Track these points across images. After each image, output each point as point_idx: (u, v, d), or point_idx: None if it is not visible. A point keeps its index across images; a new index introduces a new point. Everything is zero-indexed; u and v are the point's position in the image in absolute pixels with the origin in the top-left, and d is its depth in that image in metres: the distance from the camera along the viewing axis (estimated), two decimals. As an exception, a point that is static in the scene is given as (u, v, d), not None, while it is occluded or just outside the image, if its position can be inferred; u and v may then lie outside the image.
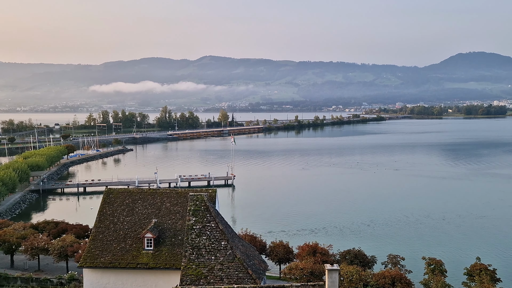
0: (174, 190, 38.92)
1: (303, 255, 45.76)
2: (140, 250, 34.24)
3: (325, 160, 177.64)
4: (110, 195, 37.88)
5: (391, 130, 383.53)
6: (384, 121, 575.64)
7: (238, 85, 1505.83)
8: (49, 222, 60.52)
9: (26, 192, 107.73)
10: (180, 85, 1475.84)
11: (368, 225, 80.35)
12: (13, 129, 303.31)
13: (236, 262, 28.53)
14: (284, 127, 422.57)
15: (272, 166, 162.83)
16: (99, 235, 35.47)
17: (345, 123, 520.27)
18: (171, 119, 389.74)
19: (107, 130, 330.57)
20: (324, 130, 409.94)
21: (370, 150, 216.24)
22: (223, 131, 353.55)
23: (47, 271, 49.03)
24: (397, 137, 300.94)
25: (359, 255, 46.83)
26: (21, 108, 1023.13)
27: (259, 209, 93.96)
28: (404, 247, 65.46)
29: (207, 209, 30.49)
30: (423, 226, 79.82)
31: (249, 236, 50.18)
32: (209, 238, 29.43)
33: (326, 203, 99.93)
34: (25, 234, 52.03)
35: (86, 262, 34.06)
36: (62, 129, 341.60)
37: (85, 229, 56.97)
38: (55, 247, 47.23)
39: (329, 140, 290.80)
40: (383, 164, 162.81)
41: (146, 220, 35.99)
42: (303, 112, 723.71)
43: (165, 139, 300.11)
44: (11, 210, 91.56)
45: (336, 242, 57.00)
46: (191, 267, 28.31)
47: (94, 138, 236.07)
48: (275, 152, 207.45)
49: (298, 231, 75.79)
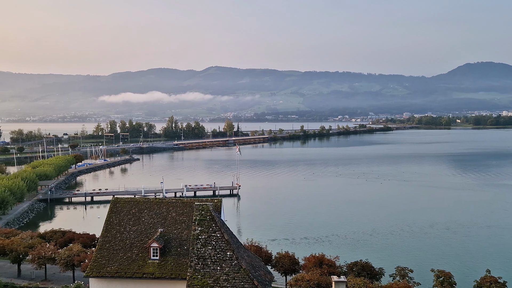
0: (180, 199, 38.95)
1: (309, 266, 45.38)
2: (146, 259, 34.24)
3: (331, 170, 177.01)
4: (117, 204, 38.03)
5: (398, 140, 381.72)
6: (391, 131, 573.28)
7: (244, 95, 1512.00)
8: (57, 231, 60.81)
9: (34, 201, 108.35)
10: (187, 95, 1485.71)
11: (375, 236, 79.69)
12: (22, 138, 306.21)
13: (242, 273, 28.42)
14: (290, 137, 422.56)
15: (277, 176, 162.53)
16: (106, 244, 35.55)
17: (352, 133, 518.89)
18: (177, 129, 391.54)
19: (115, 140, 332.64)
20: (330, 140, 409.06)
21: (377, 160, 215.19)
22: (228, 141, 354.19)
23: (53, 281, 49.11)
24: (404, 148, 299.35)
25: (367, 267, 46.29)
26: (30, 118, 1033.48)
27: (264, 219, 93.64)
28: (412, 258, 64.76)
29: (212, 219, 30.49)
30: (430, 238, 79.01)
31: (254, 247, 49.94)
32: (215, 248, 29.38)
33: (333, 213, 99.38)
34: (32, 243, 52.24)
35: (93, 272, 34.08)
36: (70, 138, 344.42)
37: (92, 238, 57.13)
38: (62, 256, 47.33)
39: (335, 150, 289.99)
40: (390, 174, 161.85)
41: (152, 230, 36.03)
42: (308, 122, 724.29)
43: (171, 148, 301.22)
44: (19, 219, 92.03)
45: (342, 254, 56.55)
46: (196, 277, 28.23)
47: (102, 148, 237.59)
48: (280, 162, 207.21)
49: (304, 242, 75.36)
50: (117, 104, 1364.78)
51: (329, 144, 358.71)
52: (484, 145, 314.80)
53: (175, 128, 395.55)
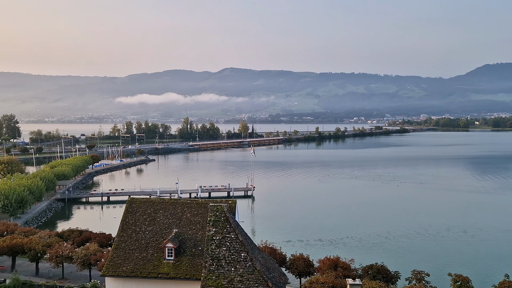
0: (194, 200, 39.16)
1: (324, 269, 45.09)
2: (161, 259, 34.49)
3: (346, 172, 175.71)
4: (132, 204, 38.42)
5: (415, 143, 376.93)
6: (408, 133, 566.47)
7: (259, 97, 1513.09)
8: (74, 231, 61.71)
9: (52, 201, 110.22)
10: (202, 97, 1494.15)
11: (391, 239, 78.79)
12: (41, 139, 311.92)
13: (256, 274, 28.40)
14: (305, 138, 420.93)
15: (292, 177, 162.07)
16: (122, 244, 35.92)
17: (367, 135, 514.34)
18: (192, 130, 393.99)
19: (131, 140, 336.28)
20: (345, 142, 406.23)
21: (393, 162, 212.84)
22: (243, 142, 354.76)
23: (70, 280, 49.83)
24: (421, 150, 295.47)
25: (382, 270, 45.76)
26: (49, 119, 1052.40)
27: (278, 221, 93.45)
28: (429, 262, 63.80)
29: (227, 220, 30.55)
30: (447, 241, 77.76)
31: (268, 248, 49.87)
32: (229, 249, 29.43)
33: (347, 215, 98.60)
34: (50, 242, 53.10)
35: (109, 271, 34.48)
36: (87, 139, 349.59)
37: (108, 237, 57.81)
38: (79, 255, 48.02)
39: (351, 152, 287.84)
40: (406, 177, 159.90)
41: (167, 230, 36.29)
42: (323, 123, 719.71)
43: (186, 149, 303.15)
44: (38, 218, 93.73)
45: (357, 256, 56.05)
46: (211, 278, 28.33)
47: (118, 149, 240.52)
48: (295, 164, 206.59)
49: (319, 244, 74.95)
50: (133, 105, 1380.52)
51: (345, 146, 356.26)
52: (503, 147, 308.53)
53: (190, 129, 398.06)
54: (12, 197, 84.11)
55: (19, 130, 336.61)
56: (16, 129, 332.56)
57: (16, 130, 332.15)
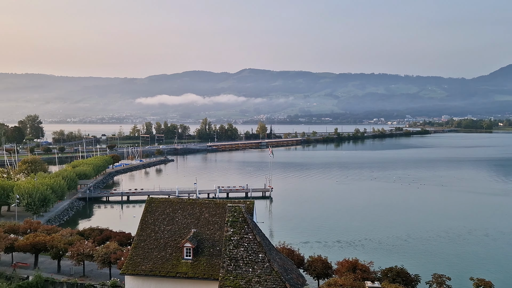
0: (212, 201, 39.37)
1: (342, 271, 44.65)
2: (179, 259, 34.78)
3: (365, 174, 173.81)
4: (152, 204, 38.87)
5: (436, 144, 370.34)
6: (429, 135, 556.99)
7: (277, 98, 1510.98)
8: (94, 229, 62.72)
9: (74, 200, 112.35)
10: (221, 98, 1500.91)
11: (410, 241, 77.54)
12: (63, 139, 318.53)
13: (274, 275, 28.34)
14: (323, 139, 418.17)
15: (310, 179, 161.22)
16: (141, 243, 36.37)
17: (387, 136, 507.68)
18: (210, 131, 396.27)
19: (150, 141, 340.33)
20: (364, 143, 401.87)
21: (413, 164, 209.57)
22: (261, 143, 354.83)
23: (91, 277, 50.67)
24: (443, 151, 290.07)
25: (402, 273, 45.02)
26: (71, 119, 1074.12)
27: (296, 222, 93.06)
28: (450, 266, 62.58)
29: (245, 221, 30.60)
30: (469, 244, 76.07)
31: (286, 250, 49.67)
32: (247, 250, 29.45)
33: (366, 217, 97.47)
34: (71, 240, 54.13)
35: (128, 269, 34.96)
36: (108, 139, 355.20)
37: (128, 236, 58.53)
38: (99, 253, 48.80)
39: (370, 153, 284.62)
40: (427, 179, 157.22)
41: (186, 230, 36.56)
42: (342, 124, 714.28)
43: (205, 150, 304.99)
44: (60, 216, 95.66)
45: (376, 259, 55.32)
46: (229, 278, 28.40)
47: (138, 149, 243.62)
48: (313, 165, 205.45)
49: (337, 246, 74.32)
50: (153, 106, 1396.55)
51: (364, 147, 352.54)
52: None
53: (208, 130, 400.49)
54: (36, 196, 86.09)
55: (42, 130, 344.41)
56: (40, 129, 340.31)
57: (40, 130, 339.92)
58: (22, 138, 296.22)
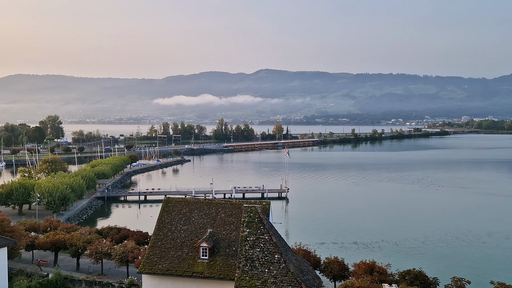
0: (229, 201, 39.44)
1: (359, 273, 44.24)
2: (195, 259, 34.95)
3: (383, 175, 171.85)
4: (168, 204, 39.18)
5: (456, 145, 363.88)
6: (449, 136, 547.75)
7: (294, 98, 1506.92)
8: (112, 228, 63.55)
9: (93, 199, 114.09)
10: (237, 98, 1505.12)
11: (429, 244, 76.31)
12: (83, 139, 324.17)
13: (290, 276, 28.24)
14: (340, 140, 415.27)
15: (326, 180, 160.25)
16: (158, 242, 36.70)
17: (406, 137, 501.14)
18: (227, 131, 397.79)
19: (167, 141, 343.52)
20: (382, 144, 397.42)
21: (433, 165, 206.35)
22: (277, 144, 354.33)
23: (109, 275, 51.33)
24: (463, 153, 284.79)
25: (420, 276, 44.33)
26: (90, 120, 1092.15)
27: (313, 223, 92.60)
28: (469, 269, 61.37)
29: (260, 221, 30.58)
30: (489, 247, 74.48)
31: (302, 251, 49.45)
32: (263, 251, 29.43)
33: (384, 219, 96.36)
34: (90, 238, 55.00)
35: (145, 268, 35.32)
36: (126, 139, 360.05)
37: (145, 236, 59.15)
38: (117, 252, 49.42)
39: (388, 154, 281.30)
40: (446, 180, 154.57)
41: (202, 230, 36.73)
42: (360, 125, 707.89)
43: (221, 150, 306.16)
44: (79, 215, 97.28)
45: (394, 261, 54.67)
46: (244, 278, 28.43)
47: (155, 149, 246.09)
48: (330, 166, 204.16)
49: (354, 247, 73.64)
50: (170, 107, 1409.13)
51: (382, 148, 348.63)
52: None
53: (225, 130, 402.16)
54: (56, 195, 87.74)
55: (62, 130, 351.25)
56: (60, 130, 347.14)
57: (60, 130, 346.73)
58: (43, 138, 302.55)
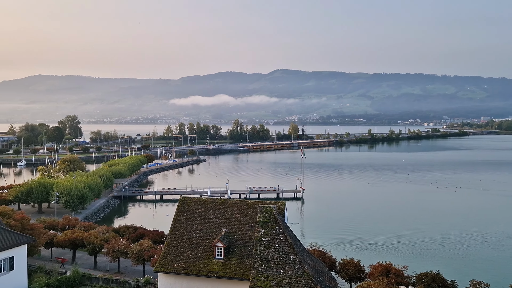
0: (244, 201, 39.50)
1: (375, 275, 43.81)
2: (211, 258, 35.11)
3: (400, 176, 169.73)
4: (184, 203, 39.45)
5: (475, 146, 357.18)
6: (468, 136, 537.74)
7: (310, 98, 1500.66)
8: (129, 227, 64.28)
9: (110, 198, 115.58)
10: (253, 98, 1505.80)
11: (446, 246, 75.07)
12: (100, 139, 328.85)
13: (305, 277, 28.11)
14: (356, 141, 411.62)
15: (342, 181, 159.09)
16: (174, 241, 36.98)
17: (423, 137, 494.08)
18: (242, 132, 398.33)
19: (183, 141, 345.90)
20: (399, 145, 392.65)
21: (451, 167, 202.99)
22: (293, 144, 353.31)
23: (126, 274, 51.95)
24: (482, 154, 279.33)
25: (438, 279, 43.66)
26: (107, 120, 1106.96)
27: (328, 224, 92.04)
28: (488, 272, 60.16)
29: (276, 222, 30.52)
30: (509, 250, 72.85)
31: (318, 252, 49.19)
32: (278, 251, 29.37)
33: (401, 220, 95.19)
34: (107, 237, 55.73)
35: (161, 267, 35.62)
36: (142, 139, 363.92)
37: (161, 235, 59.66)
38: (134, 251, 49.96)
39: (405, 155, 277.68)
40: (465, 182, 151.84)
41: (217, 230, 36.87)
42: (376, 126, 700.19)
43: (236, 150, 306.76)
44: (96, 214, 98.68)
45: (411, 263, 53.88)
46: (259, 278, 28.40)
47: (171, 149, 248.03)
48: (346, 167, 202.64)
49: (370, 249, 72.93)
50: (186, 107, 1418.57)
51: (399, 149, 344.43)
52: None
53: (240, 130, 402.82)
54: (74, 193, 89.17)
55: (80, 130, 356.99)
56: (78, 129, 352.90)
57: (78, 130, 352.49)
58: (61, 137, 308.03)
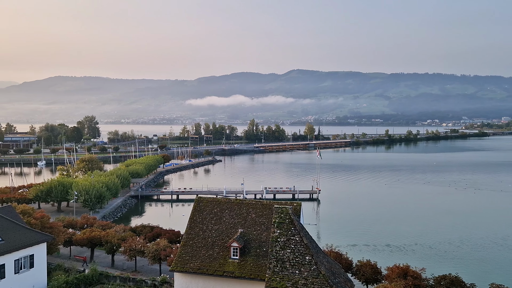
0: (259, 201, 39.46)
1: (392, 277, 43.29)
2: (226, 258, 35.19)
3: (418, 177, 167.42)
4: (200, 203, 39.63)
5: (495, 147, 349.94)
6: (487, 137, 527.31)
7: (326, 98, 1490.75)
8: (146, 226, 64.96)
9: (127, 197, 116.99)
10: (269, 99, 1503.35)
11: (465, 248, 73.74)
12: (118, 139, 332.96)
13: (321, 278, 27.93)
14: (373, 141, 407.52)
15: (359, 181, 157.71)
16: (189, 241, 37.19)
17: (442, 138, 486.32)
18: (258, 132, 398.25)
19: (199, 141, 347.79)
20: (417, 146, 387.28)
21: (470, 168, 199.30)
22: (308, 145, 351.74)
23: (142, 272, 52.49)
24: (503, 155, 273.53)
25: (456, 282, 42.92)
26: (125, 120, 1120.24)
27: (344, 225, 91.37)
28: (509, 275, 58.84)
29: (291, 222, 30.41)
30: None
31: (334, 253, 48.87)
32: (293, 252, 29.25)
33: (418, 222, 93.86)
34: (124, 236, 56.42)
35: (177, 267, 35.86)
36: (159, 140, 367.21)
37: (177, 234, 60.11)
38: (150, 250, 50.49)
39: (423, 156, 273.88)
40: (485, 183, 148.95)
41: (233, 230, 36.93)
42: (394, 126, 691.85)
43: (252, 151, 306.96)
44: (114, 213, 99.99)
45: (428, 265, 53.08)
46: (275, 279, 28.34)
47: (187, 149, 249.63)
48: (362, 168, 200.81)
49: (387, 250, 72.11)
50: (202, 107, 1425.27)
51: (417, 150, 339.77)
52: None
53: (256, 131, 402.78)
54: (92, 193, 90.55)
55: (98, 130, 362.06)
56: (96, 130, 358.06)
57: (96, 130, 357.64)
58: (80, 137, 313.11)
